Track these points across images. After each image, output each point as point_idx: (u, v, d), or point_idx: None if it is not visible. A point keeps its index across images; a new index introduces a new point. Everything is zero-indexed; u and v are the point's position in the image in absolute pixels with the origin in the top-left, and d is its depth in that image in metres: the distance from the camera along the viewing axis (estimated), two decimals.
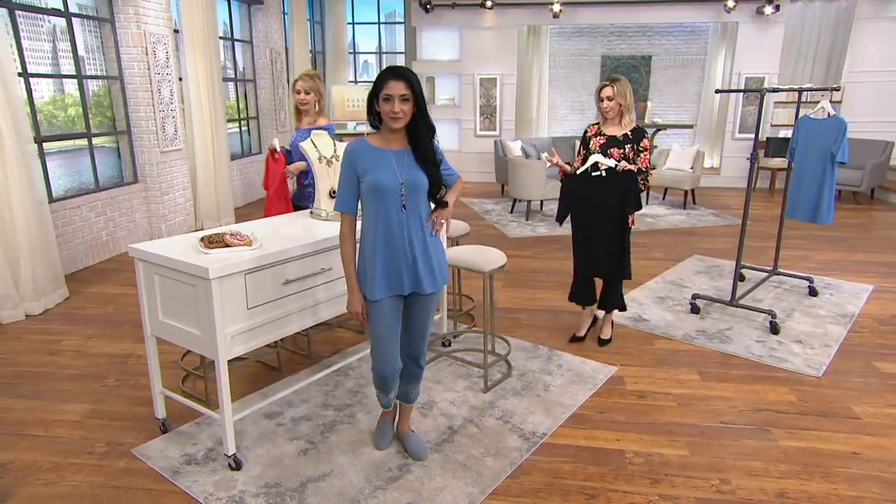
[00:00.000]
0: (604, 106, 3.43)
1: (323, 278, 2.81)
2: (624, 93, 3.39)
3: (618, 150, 3.44)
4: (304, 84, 3.70)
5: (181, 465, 2.64)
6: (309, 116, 3.76)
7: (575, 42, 11.26)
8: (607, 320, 3.87)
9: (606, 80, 3.45)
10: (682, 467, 2.61)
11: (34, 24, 5.41)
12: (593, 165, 3.40)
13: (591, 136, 3.56)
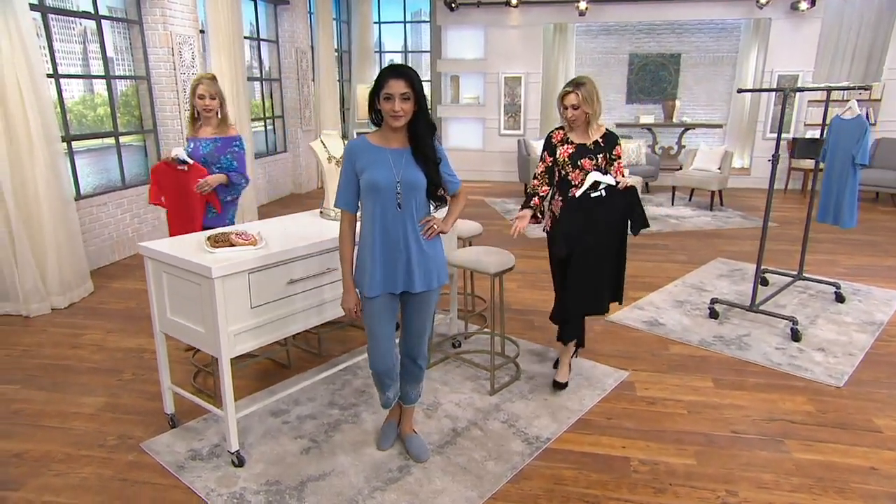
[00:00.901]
0: (568, 115, 2.95)
1: (328, 278, 2.82)
2: (591, 99, 2.89)
3: (589, 160, 2.98)
4: (207, 88, 3.37)
5: (186, 460, 2.68)
6: (211, 125, 3.45)
7: (602, 40, 11.10)
8: (566, 357, 3.31)
9: (570, 84, 2.93)
10: (688, 477, 2.54)
11: (66, 27, 5.57)
12: (592, 185, 2.91)
13: (557, 143, 3.06)
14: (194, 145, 3.46)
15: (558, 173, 3.10)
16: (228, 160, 3.46)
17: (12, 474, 2.59)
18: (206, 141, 3.45)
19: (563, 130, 3.08)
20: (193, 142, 3.47)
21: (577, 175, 3.00)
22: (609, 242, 3.03)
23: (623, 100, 11.20)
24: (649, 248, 6.15)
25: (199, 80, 3.40)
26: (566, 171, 3.04)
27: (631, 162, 8.82)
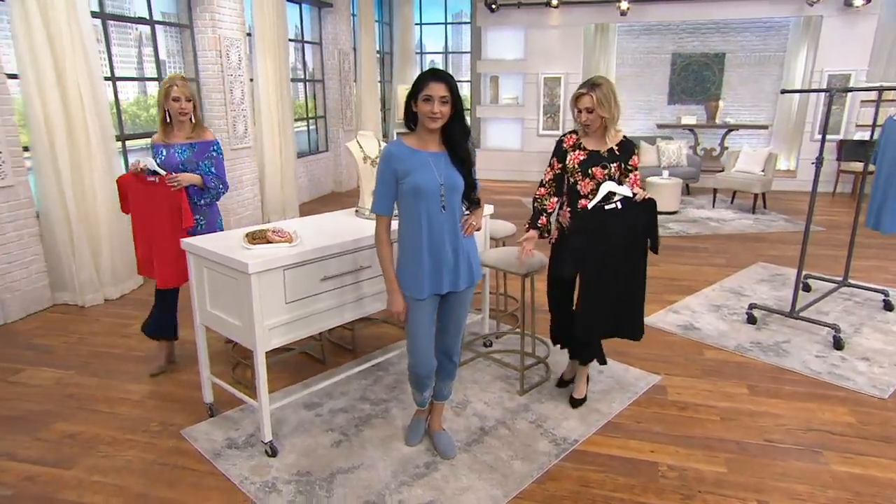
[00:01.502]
0: (582, 119, 2.70)
1: (362, 276, 2.86)
2: (607, 101, 2.64)
3: (601, 169, 2.74)
4: (182, 90, 3.14)
5: (223, 448, 2.76)
6: (184, 129, 3.22)
7: (644, 40, 10.88)
8: (583, 375, 3.12)
9: (584, 85, 2.68)
10: (718, 485, 2.48)
11: (123, 32, 5.81)
12: (606, 196, 2.66)
13: (568, 148, 2.82)
14: (167, 153, 3.20)
15: (567, 181, 2.87)
16: (207, 166, 3.24)
17: (66, 454, 2.72)
18: (182, 147, 3.20)
19: (577, 135, 2.83)
20: (165, 148, 3.21)
21: (588, 184, 2.77)
22: (627, 261, 2.74)
23: (664, 100, 10.96)
24: (687, 251, 6.00)
25: (172, 81, 3.14)
26: (575, 180, 2.81)
27: (671, 163, 8.63)
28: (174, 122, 3.22)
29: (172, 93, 3.12)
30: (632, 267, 2.77)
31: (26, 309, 4.37)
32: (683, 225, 7.12)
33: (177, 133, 3.23)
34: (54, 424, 2.96)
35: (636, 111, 11.22)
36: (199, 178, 3.20)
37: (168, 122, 3.22)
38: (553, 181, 2.90)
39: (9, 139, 4.10)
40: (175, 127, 3.23)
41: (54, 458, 2.69)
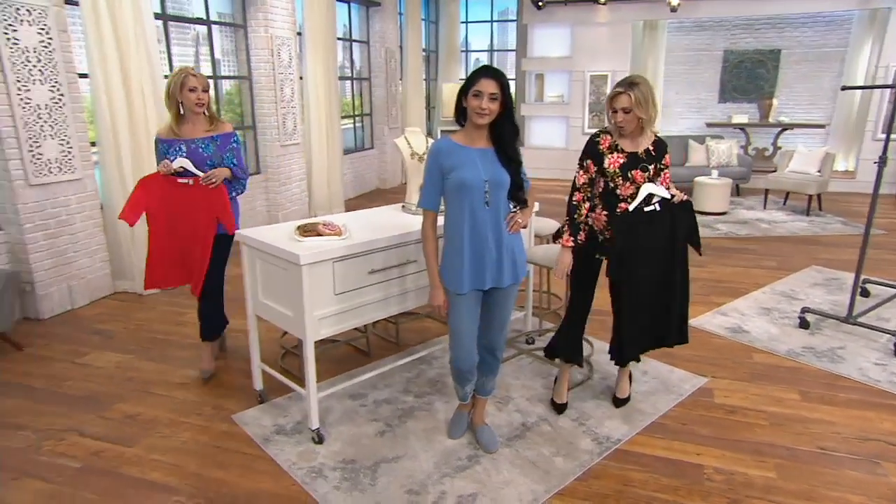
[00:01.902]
0: (618, 119, 2.56)
1: (408, 269, 2.90)
2: (645, 102, 2.50)
3: (641, 171, 2.63)
4: (200, 79, 2.97)
5: (272, 434, 2.85)
6: (201, 122, 3.06)
7: (695, 36, 10.60)
8: (625, 374, 3.08)
9: (621, 84, 2.53)
10: (767, 490, 2.42)
11: (182, 32, 6.03)
12: (646, 198, 2.59)
13: (605, 150, 2.66)
14: (189, 149, 3.01)
15: (604, 184, 2.72)
16: (230, 158, 3.12)
17: (127, 433, 2.86)
18: (204, 141, 3.04)
19: (611, 136, 2.68)
20: (184, 144, 3.01)
21: (628, 188, 2.65)
22: (667, 264, 2.68)
23: (715, 98, 10.65)
24: (735, 253, 5.84)
25: (185, 71, 2.96)
26: (615, 184, 2.67)
27: (721, 163, 8.40)
28: (188, 116, 3.02)
29: (189, 83, 2.94)
30: (673, 270, 2.70)
31: (91, 295, 4.59)
32: (732, 226, 6.93)
33: (193, 127, 3.04)
34: (116, 405, 3.11)
35: (685, 109, 10.96)
36: (230, 171, 3.08)
37: (181, 116, 3.03)
38: (588, 185, 2.76)
39: (78, 135, 4.32)
40: (189, 121, 3.03)
41: (117, 436, 2.83)
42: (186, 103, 2.98)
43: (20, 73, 3.87)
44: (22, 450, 2.73)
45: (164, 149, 3.04)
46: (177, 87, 2.95)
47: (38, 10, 3.93)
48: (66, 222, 4.35)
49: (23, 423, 2.95)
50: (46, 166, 4.13)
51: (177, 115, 3.03)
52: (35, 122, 4.01)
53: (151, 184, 3.02)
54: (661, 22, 10.33)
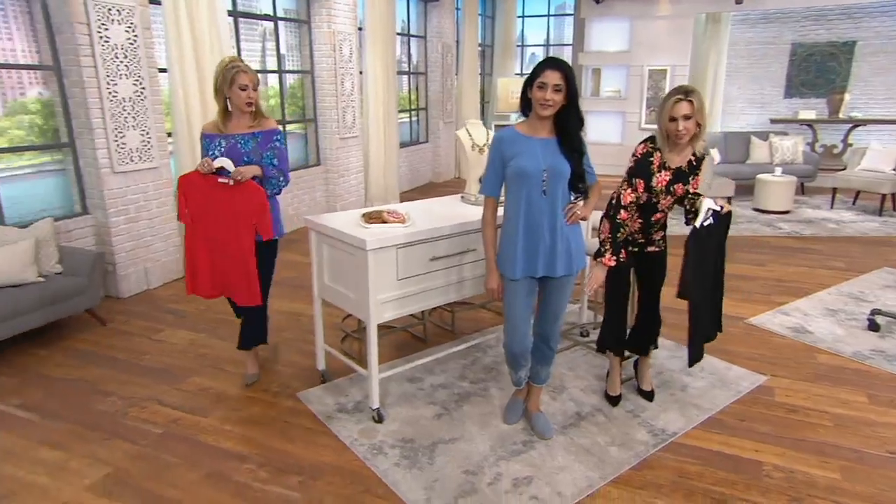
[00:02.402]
0: (679, 128, 2.48)
1: (468, 258, 2.97)
2: (702, 108, 2.49)
3: (682, 185, 2.63)
4: (251, 78, 2.83)
5: (334, 411, 2.98)
6: (245, 118, 2.92)
7: (760, 29, 10.23)
8: (649, 366, 3.12)
9: (679, 92, 2.49)
10: (830, 491, 2.37)
11: (250, 28, 6.27)
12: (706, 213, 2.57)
13: (655, 169, 2.62)
14: (228, 144, 2.88)
15: (646, 197, 2.69)
16: (269, 157, 2.94)
17: (201, 403, 3.05)
18: (244, 137, 2.90)
19: (658, 151, 2.62)
20: (223, 139, 2.88)
21: (668, 201, 2.68)
22: (718, 268, 2.74)
23: (780, 93, 10.25)
24: (798, 253, 5.65)
25: (236, 67, 2.80)
26: (657, 199, 2.68)
27: (786, 160, 8.10)
28: (234, 112, 2.90)
29: (239, 80, 2.79)
30: (721, 272, 2.78)
31: (164, 277, 4.87)
32: (796, 225, 6.69)
33: (236, 123, 2.91)
34: (190, 378, 3.32)
35: (748, 105, 10.60)
36: (259, 169, 2.89)
37: (227, 111, 2.90)
38: (635, 204, 2.69)
39: (157, 126, 4.58)
40: (235, 117, 2.90)
41: (192, 407, 3.02)
42: (235, 101, 2.85)
43: (109, 69, 4.15)
44: (111, 414, 2.96)
45: (206, 144, 2.92)
46: (226, 84, 2.81)
47: (126, 9, 4.20)
48: (144, 208, 4.63)
49: (110, 390, 3.19)
50: (128, 155, 4.41)
51: (224, 109, 2.88)
52: (120, 113, 4.28)
53: (189, 183, 2.86)
54: (725, 14, 10.01)
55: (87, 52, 4.04)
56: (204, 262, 2.96)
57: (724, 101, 10.65)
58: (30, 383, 3.27)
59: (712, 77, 10.38)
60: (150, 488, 2.42)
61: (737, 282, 4.78)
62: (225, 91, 2.83)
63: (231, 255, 2.92)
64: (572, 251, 2.47)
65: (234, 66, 2.80)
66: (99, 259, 3.99)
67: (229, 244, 2.91)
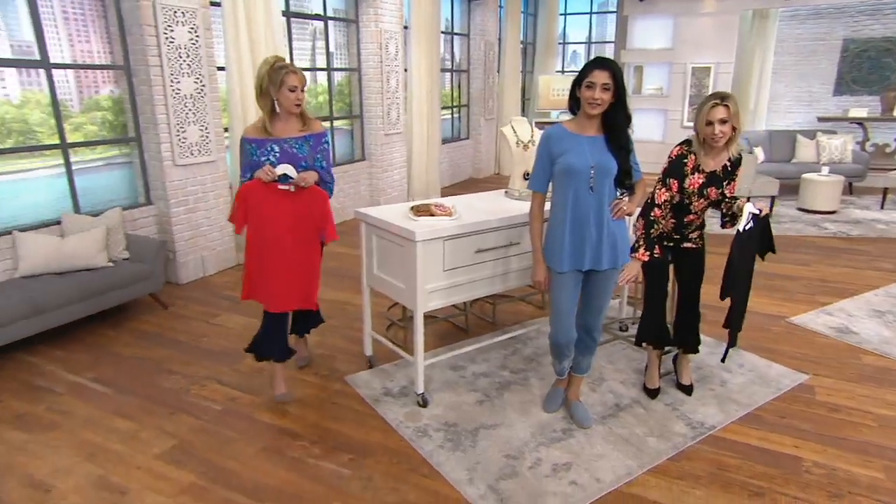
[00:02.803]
0: (716, 132, 2.56)
1: (512, 251, 3.04)
2: (738, 113, 2.56)
3: (716, 189, 2.69)
4: (300, 79, 2.71)
5: (381, 395, 3.09)
6: (293, 120, 2.79)
7: (810, 25, 9.92)
8: (689, 362, 3.15)
9: (716, 97, 2.57)
10: (873, 490, 2.36)
11: (301, 28, 6.44)
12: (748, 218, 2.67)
13: (689, 171, 2.69)
14: (281, 148, 2.74)
15: (679, 199, 2.76)
16: (320, 160, 2.89)
17: (256, 384, 3.21)
18: (297, 141, 2.78)
19: (694, 154, 2.70)
20: (276, 144, 2.73)
21: (701, 203, 2.75)
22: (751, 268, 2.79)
23: (829, 91, 9.93)
24: (844, 253, 5.50)
25: (285, 67, 2.67)
26: (690, 201, 2.75)
27: (833, 159, 7.86)
28: (281, 114, 2.75)
29: (289, 82, 2.67)
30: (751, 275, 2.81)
31: (219, 265, 5.09)
32: (842, 226, 6.50)
33: (284, 126, 2.77)
34: (245, 360, 3.48)
35: (794, 103, 10.31)
36: (318, 175, 2.84)
37: (274, 114, 2.75)
38: (669, 202, 2.77)
39: (214, 121, 4.78)
40: (282, 119, 2.76)
41: (248, 386, 3.18)
42: (284, 102, 2.71)
43: (173, 67, 4.35)
44: (175, 391, 3.15)
45: (253, 150, 2.74)
46: (274, 85, 2.67)
47: (190, 11, 4.40)
48: (202, 199, 4.85)
49: (174, 369, 3.38)
50: (189, 149, 4.62)
51: (271, 112, 2.74)
52: (182, 110, 4.49)
53: (251, 191, 2.73)
54: (773, 11, 9.75)
55: (154, 52, 4.26)
56: (268, 273, 2.83)
57: (769, 99, 10.38)
58: (102, 360, 3.49)
59: (758, 74, 10.13)
60: (211, 459, 2.58)
61: (779, 281, 4.70)
62: (272, 93, 2.69)
63: (295, 261, 2.83)
64: (617, 245, 2.51)
65: (281, 66, 2.68)
66: (162, 247, 4.21)
67: (293, 250, 2.82)
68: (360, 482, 2.43)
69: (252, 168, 2.76)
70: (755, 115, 10.33)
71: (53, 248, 3.72)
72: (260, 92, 2.71)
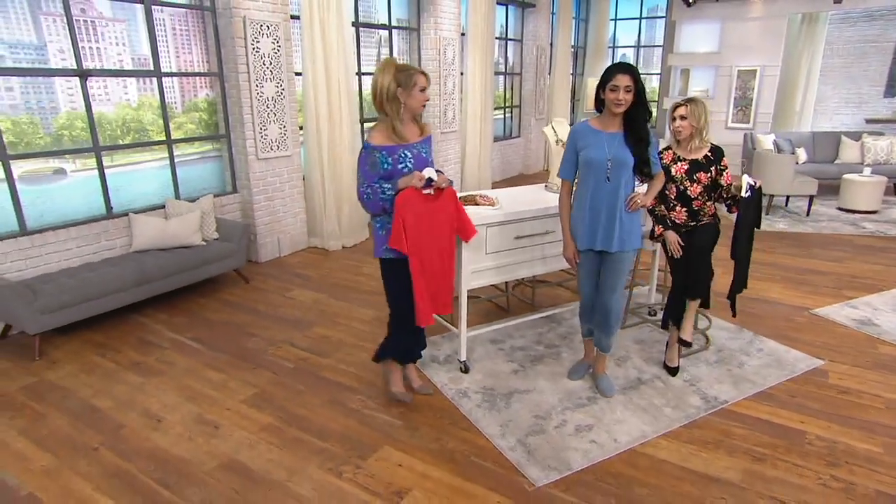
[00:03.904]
0: (676, 125, 3.06)
1: (548, 238, 3.23)
2: (698, 115, 3.00)
3: (704, 173, 3.05)
4: (427, 80, 2.52)
5: (429, 361, 3.35)
6: (414, 123, 2.59)
7: (862, 27, 9.46)
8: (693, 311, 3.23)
9: (683, 100, 3.09)
10: (870, 461, 2.43)
11: (368, 36, 6.75)
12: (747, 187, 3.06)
13: (669, 162, 3.10)
14: (414, 154, 2.55)
15: (675, 188, 3.11)
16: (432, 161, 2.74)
17: (323, 348, 3.54)
18: (423, 144, 2.61)
19: (671, 150, 3.14)
20: (407, 150, 2.53)
21: (696, 188, 3.07)
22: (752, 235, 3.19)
23: (879, 93, 9.46)
24: (879, 252, 5.35)
25: (412, 68, 2.49)
26: (685, 187, 3.08)
27: (879, 161, 7.54)
28: (405, 118, 2.54)
29: (420, 82, 2.48)
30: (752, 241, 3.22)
31: (292, 247, 5.49)
32: (882, 225, 6.28)
33: (408, 130, 2.57)
34: (314, 328, 3.82)
35: (842, 104, 9.87)
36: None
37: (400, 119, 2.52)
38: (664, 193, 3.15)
39: (291, 121, 5.15)
40: (405, 123, 2.55)
41: (316, 349, 3.52)
42: (413, 104, 2.50)
43: (258, 74, 4.74)
44: (256, 350, 3.52)
45: (383, 158, 2.50)
46: (406, 87, 2.46)
47: (273, 25, 4.77)
48: (279, 189, 5.24)
49: (255, 332, 3.76)
50: (269, 145, 5.01)
51: (398, 113, 2.50)
52: (264, 110, 4.88)
53: (406, 203, 2.49)
54: (823, 14, 9.35)
55: (243, 60, 4.65)
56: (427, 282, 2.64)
57: (816, 101, 9.98)
58: (197, 323, 3.92)
59: (805, 77, 9.75)
60: (285, 406, 2.91)
61: (809, 276, 4.67)
62: (402, 95, 2.47)
63: (447, 266, 2.68)
64: (626, 231, 2.68)
65: (408, 67, 2.48)
66: (246, 229, 4.61)
67: (440, 256, 2.65)
68: (408, 431, 2.70)
69: (382, 178, 2.51)
70: (801, 116, 9.96)
71: (159, 228, 4.17)
72: (386, 97, 2.46)
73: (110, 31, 4.15)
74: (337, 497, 2.28)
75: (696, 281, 3.10)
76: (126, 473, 2.43)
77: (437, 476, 2.39)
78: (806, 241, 5.75)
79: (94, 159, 4.11)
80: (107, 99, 4.19)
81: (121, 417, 2.83)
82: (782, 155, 6.84)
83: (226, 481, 2.37)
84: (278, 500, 2.27)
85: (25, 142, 3.78)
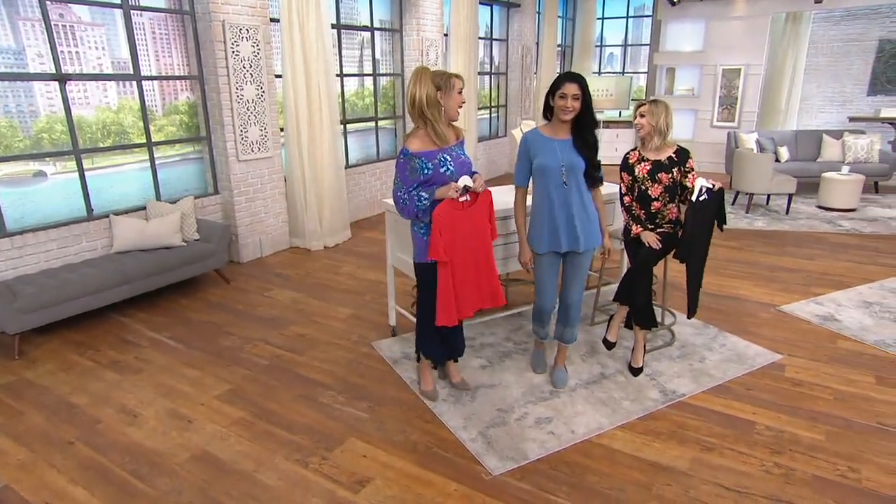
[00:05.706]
0: (636, 122, 3.23)
1: (511, 238, 3.36)
2: (657, 115, 3.13)
3: (665, 174, 3.17)
4: (463, 82, 2.60)
5: (400, 358, 3.49)
6: (447, 127, 2.63)
7: (845, 26, 9.63)
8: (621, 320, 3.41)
9: (647, 101, 3.24)
10: (811, 448, 2.58)
11: (350, 37, 6.88)
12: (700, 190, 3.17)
13: (634, 162, 3.24)
14: (453, 158, 2.58)
15: (637, 189, 3.27)
16: None
17: (298, 345, 3.67)
18: (460, 148, 2.66)
19: (637, 151, 3.27)
20: (446, 154, 2.57)
21: (657, 189, 3.20)
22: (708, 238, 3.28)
23: (863, 91, 9.64)
24: (852, 249, 5.52)
25: (446, 72, 2.58)
26: (646, 187, 3.22)
27: (858, 159, 7.72)
28: (442, 123, 2.56)
29: (458, 85, 2.54)
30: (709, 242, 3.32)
31: (273, 248, 5.61)
32: (858, 223, 6.45)
33: (451, 130, 2.62)
34: (291, 327, 3.95)
35: (826, 103, 10.05)
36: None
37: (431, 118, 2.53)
38: (630, 189, 3.33)
39: (272, 122, 5.28)
40: (442, 124, 2.56)
41: (291, 347, 3.65)
42: (451, 106, 2.54)
43: (238, 77, 4.86)
44: (232, 348, 3.64)
45: (423, 164, 2.53)
46: (445, 91, 2.52)
47: (253, 28, 4.89)
48: (260, 190, 5.36)
49: (232, 331, 3.89)
50: (250, 147, 5.13)
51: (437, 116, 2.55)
52: (244, 112, 5.00)
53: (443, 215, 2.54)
54: (806, 13, 9.53)
55: (223, 63, 4.77)
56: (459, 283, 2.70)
57: (800, 100, 10.15)
58: (176, 322, 4.04)
59: (789, 75, 9.92)
60: (258, 402, 3.04)
61: (779, 273, 4.82)
62: (440, 99, 2.52)
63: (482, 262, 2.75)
64: (588, 230, 2.82)
65: (443, 71, 2.55)
66: (226, 230, 4.73)
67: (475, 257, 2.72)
68: (375, 424, 2.84)
69: (425, 183, 2.56)
70: (786, 114, 10.13)
71: (140, 229, 4.29)
72: (427, 103, 2.51)
73: (89, 35, 4.26)
74: (301, 486, 2.41)
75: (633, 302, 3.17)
76: (100, 466, 2.56)
77: (398, 466, 2.53)
78: (782, 238, 5.91)
79: (74, 162, 4.23)
80: (86, 102, 4.31)
81: (97, 413, 2.95)
82: (761, 154, 6.99)
83: (196, 472, 2.50)
84: (245, 489, 2.40)
85: (5, 145, 3.89)
